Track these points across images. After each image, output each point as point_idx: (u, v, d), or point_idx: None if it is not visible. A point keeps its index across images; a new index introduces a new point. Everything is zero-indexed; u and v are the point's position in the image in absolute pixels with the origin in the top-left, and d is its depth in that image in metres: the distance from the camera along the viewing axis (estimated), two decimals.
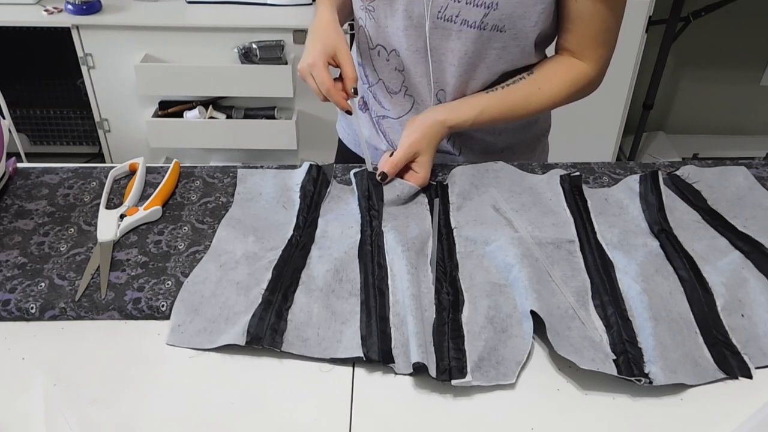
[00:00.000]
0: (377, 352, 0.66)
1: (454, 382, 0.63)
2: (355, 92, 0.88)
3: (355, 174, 0.90)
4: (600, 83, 0.96)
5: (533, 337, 0.69)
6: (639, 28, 2.09)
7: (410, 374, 0.66)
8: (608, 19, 0.88)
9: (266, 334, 0.68)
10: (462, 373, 0.64)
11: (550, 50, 0.98)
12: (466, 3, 0.84)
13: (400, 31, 0.90)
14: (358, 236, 0.81)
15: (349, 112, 0.89)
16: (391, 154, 0.89)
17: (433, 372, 0.64)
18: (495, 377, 0.65)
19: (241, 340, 0.67)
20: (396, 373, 0.66)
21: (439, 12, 0.86)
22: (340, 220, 0.84)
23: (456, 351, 0.66)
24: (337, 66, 0.88)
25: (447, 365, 0.65)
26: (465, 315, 0.70)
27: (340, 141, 1.18)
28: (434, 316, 0.71)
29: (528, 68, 0.94)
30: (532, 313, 0.69)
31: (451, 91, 0.94)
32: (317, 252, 0.79)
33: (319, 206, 0.87)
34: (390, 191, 0.87)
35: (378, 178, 0.88)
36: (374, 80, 1.00)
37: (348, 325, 0.70)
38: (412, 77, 0.95)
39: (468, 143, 1.02)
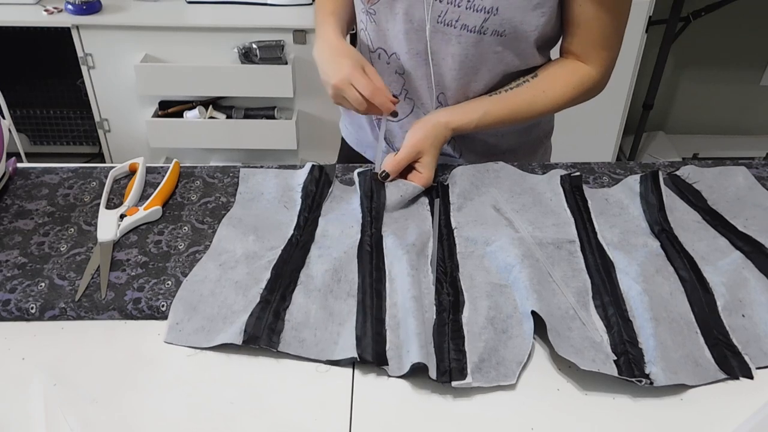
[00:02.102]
0: (371, 354, 0.66)
1: (454, 383, 0.63)
2: (396, 97, 0.89)
3: (359, 174, 0.90)
4: (604, 86, 0.96)
5: (533, 338, 0.69)
6: (639, 28, 2.09)
7: (402, 377, 0.65)
8: (612, 23, 0.88)
9: (263, 333, 0.68)
10: (462, 374, 0.64)
11: (554, 52, 0.98)
12: (466, 8, 0.84)
13: (400, 34, 0.90)
14: (358, 236, 0.81)
15: (395, 113, 0.90)
16: None
17: (433, 374, 0.64)
18: (495, 378, 0.65)
19: (238, 340, 0.67)
20: (396, 377, 0.66)
21: (439, 17, 0.86)
22: (341, 219, 0.84)
23: (456, 352, 0.66)
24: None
25: (447, 366, 0.65)
26: (465, 316, 0.70)
27: (343, 140, 1.17)
28: (434, 317, 0.71)
29: (532, 71, 0.94)
30: (533, 313, 0.69)
31: (453, 94, 0.94)
32: (317, 251, 0.79)
33: (321, 206, 0.87)
34: (393, 191, 0.87)
35: (380, 177, 0.88)
36: None
37: (345, 326, 0.70)
38: (413, 80, 0.95)
39: (470, 145, 1.02)
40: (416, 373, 0.65)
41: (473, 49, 0.88)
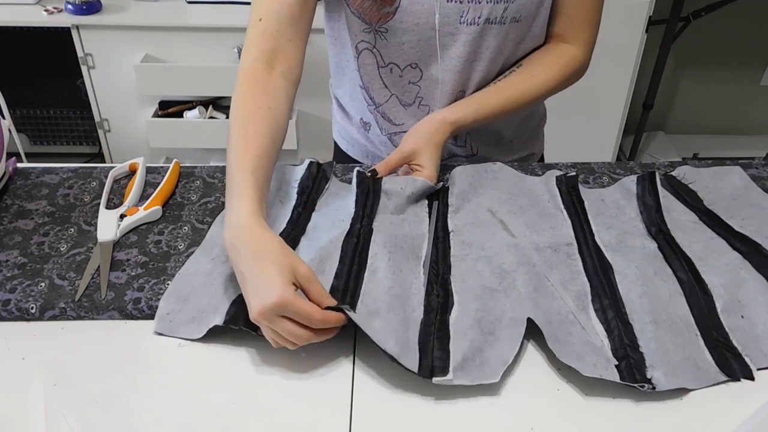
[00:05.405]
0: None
1: (435, 380, 0.63)
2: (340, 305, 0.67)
3: (358, 172, 0.89)
4: (588, 66, 0.98)
5: (529, 340, 0.69)
6: (639, 28, 2.09)
7: (397, 379, 0.65)
8: None
9: (243, 316, 0.67)
10: (444, 372, 0.63)
11: None
12: (487, 2, 0.84)
13: (418, 44, 0.89)
14: (347, 227, 0.81)
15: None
16: None
17: (415, 368, 0.64)
18: (478, 377, 0.64)
19: (220, 321, 0.68)
20: (397, 377, 0.66)
21: (461, 17, 0.86)
22: (333, 214, 0.84)
23: (440, 351, 0.66)
24: (302, 290, 0.66)
25: (430, 363, 0.64)
26: (453, 316, 0.70)
27: (336, 146, 1.17)
28: (422, 317, 0.70)
29: (517, 61, 0.96)
30: (530, 321, 0.69)
31: (474, 89, 0.94)
32: (305, 242, 0.79)
33: (316, 203, 0.87)
34: (393, 183, 0.86)
35: (367, 173, 0.87)
36: (383, 99, 0.98)
37: None
38: (430, 86, 0.94)
39: (482, 138, 1.02)
40: (411, 373, 0.64)
41: (494, 40, 0.88)
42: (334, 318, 0.65)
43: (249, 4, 0.85)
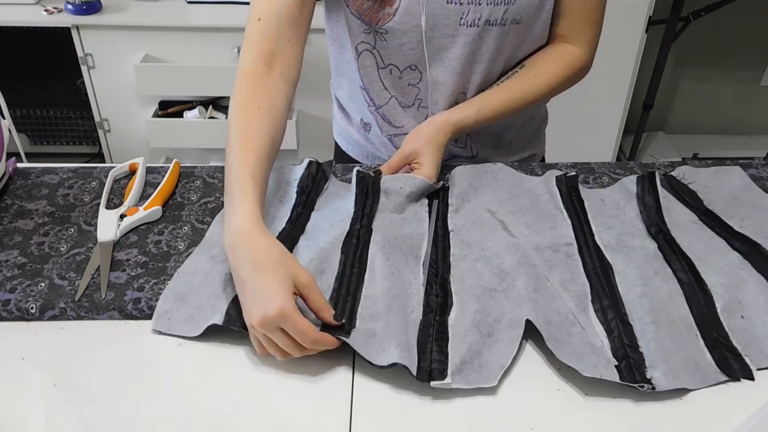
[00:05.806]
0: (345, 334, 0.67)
1: (433, 383, 0.63)
2: (338, 318, 0.68)
3: (358, 171, 0.89)
4: (590, 66, 0.98)
5: (528, 340, 0.69)
6: (639, 28, 2.09)
7: (395, 379, 0.65)
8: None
9: (242, 316, 0.67)
10: (442, 375, 0.63)
11: None
12: (487, 3, 0.84)
13: (419, 46, 0.89)
14: (347, 228, 0.81)
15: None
16: None
17: (414, 371, 0.64)
18: (476, 380, 0.64)
19: (219, 321, 0.68)
20: (396, 378, 0.66)
21: (461, 18, 0.85)
22: (333, 214, 0.84)
23: (439, 353, 0.66)
24: (301, 297, 0.67)
25: (428, 366, 0.65)
26: (452, 317, 0.70)
27: (337, 146, 1.17)
28: (421, 317, 0.70)
29: (520, 62, 0.95)
30: (528, 323, 0.69)
31: (474, 91, 0.94)
32: (305, 242, 0.79)
33: (315, 202, 0.87)
34: (393, 182, 0.86)
35: (371, 172, 0.88)
36: (383, 100, 0.98)
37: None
38: (430, 87, 0.94)
39: (482, 140, 1.02)
40: (407, 373, 0.64)
41: (493, 42, 0.88)
42: (327, 341, 0.65)
43: (249, 4, 0.85)
